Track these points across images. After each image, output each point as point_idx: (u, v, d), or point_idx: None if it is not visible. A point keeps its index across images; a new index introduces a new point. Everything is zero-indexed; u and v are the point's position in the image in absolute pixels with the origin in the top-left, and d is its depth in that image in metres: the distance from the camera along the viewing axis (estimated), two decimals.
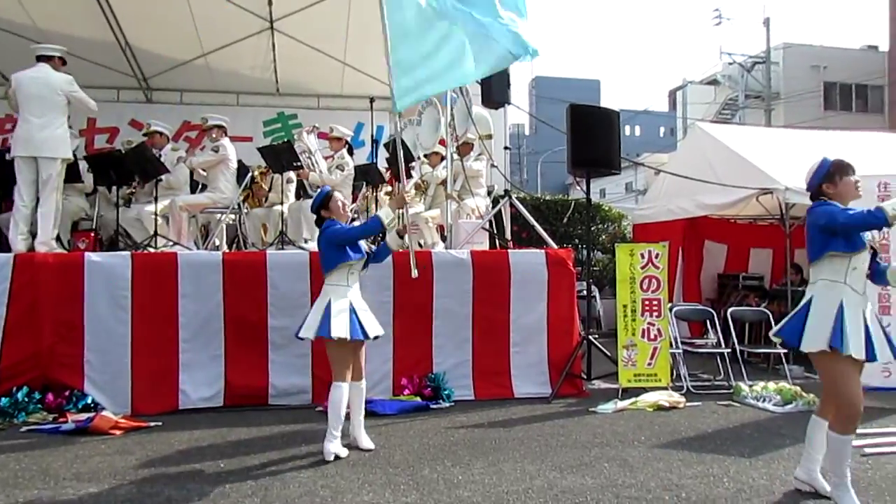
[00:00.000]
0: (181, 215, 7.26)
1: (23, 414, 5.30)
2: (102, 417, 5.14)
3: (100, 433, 4.98)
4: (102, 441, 4.84)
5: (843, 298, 3.45)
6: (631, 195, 34.44)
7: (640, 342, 6.35)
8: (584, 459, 4.36)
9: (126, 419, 5.27)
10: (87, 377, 5.61)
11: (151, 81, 10.42)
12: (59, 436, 4.96)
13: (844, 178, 3.57)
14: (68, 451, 4.56)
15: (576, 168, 6.97)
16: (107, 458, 4.42)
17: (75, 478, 4.02)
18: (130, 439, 4.90)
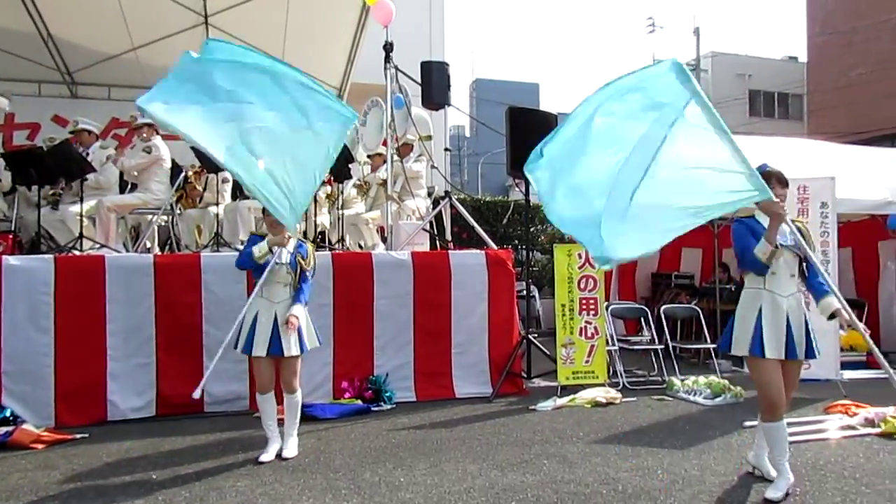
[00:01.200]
0: (109, 216, 6.95)
1: None
2: (23, 431, 4.87)
3: (20, 447, 4.71)
4: (23, 456, 4.58)
5: (761, 304, 3.68)
6: None
7: (578, 340, 6.48)
8: (524, 457, 4.41)
9: (49, 432, 5.00)
10: (5, 388, 5.29)
11: (77, 75, 9.95)
12: None
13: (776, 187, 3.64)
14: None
15: (515, 170, 7.02)
16: (28, 473, 4.19)
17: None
18: (54, 453, 4.65)
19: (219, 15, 8.82)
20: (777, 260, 3.64)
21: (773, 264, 3.63)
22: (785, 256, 3.66)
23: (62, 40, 9.07)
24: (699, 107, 3.76)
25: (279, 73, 4.43)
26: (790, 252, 3.67)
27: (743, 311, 3.76)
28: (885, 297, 9.07)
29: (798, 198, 6.57)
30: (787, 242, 3.65)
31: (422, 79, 7.03)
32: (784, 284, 3.68)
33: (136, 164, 7.23)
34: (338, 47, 9.71)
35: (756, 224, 3.72)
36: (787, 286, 3.69)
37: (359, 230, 8.03)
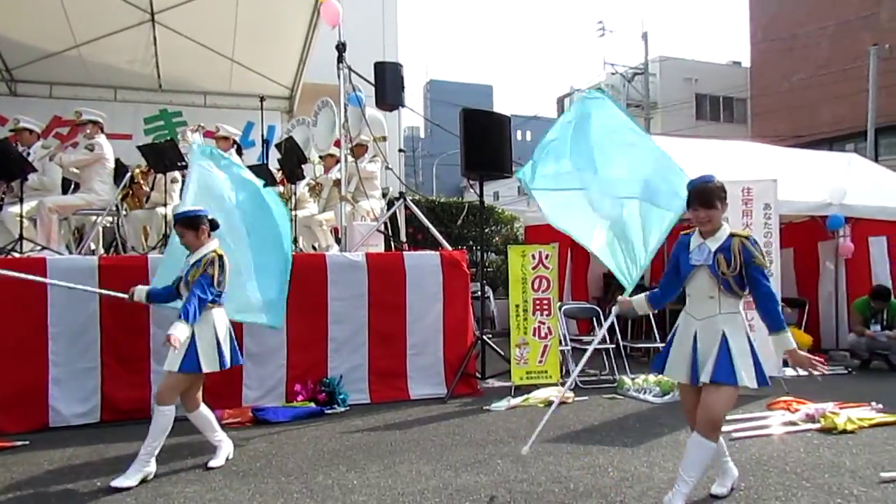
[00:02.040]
0: (51, 217, 6.71)
1: None
2: None
3: None
4: None
5: (679, 325, 3.55)
6: (523, 198, 35.41)
7: (531, 340, 6.56)
8: (478, 457, 4.44)
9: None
10: None
11: (16, 73, 9.58)
12: None
13: (690, 210, 3.42)
14: None
15: (469, 171, 7.10)
16: None
17: None
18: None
19: (166, 13, 8.63)
20: (690, 282, 3.44)
21: (688, 286, 3.46)
22: (698, 278, 3.39)
23: (0, 36, 8.73)
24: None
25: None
26: (706, 273, 3.36)
27: (674, 330, 3.61)
28: (824, 296, 9.47)
29: (742, 199, 6.79)
30: (703, 262, 3.36)
31: (375, 79, 7.01)
32: (698, 307, 3.42)
33: (76, 160, 7.00)
34: (290, 47, 9.60)
35: (683, 240, 3.53)
36: (701, 309, 3.40)
37: (312, 231, 7.96)
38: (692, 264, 3.41)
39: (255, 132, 10.37)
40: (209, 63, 9.65)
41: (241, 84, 10.27)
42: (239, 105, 10.52)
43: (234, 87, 10.43)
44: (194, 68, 9.89)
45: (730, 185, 4.25)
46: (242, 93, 10.36)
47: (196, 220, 4.21)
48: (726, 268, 3.31)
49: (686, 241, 3.52)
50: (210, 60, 9.57)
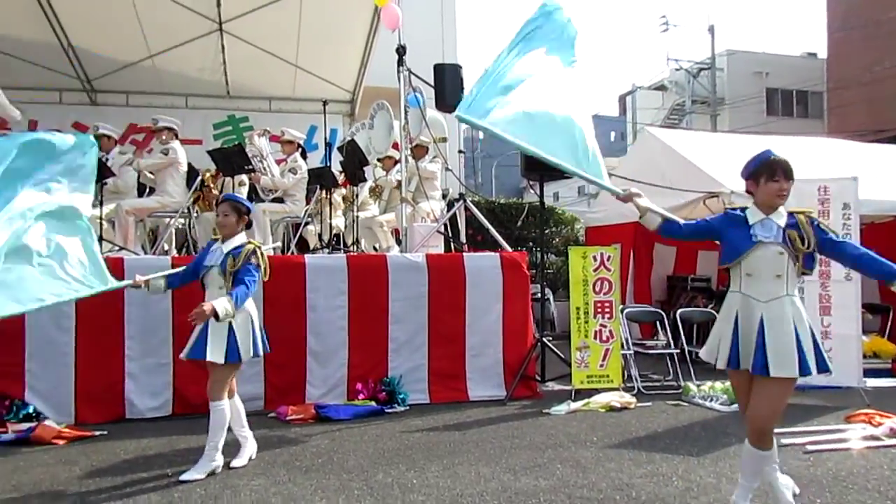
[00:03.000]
0: (128, 219, 7.06)
1: None
2: (45, 427, 4.96)
3: (42, 443, 4.81)
4: (45, 451, 4.67)
5: (735, 309, 3.22)
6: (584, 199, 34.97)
7: (592, 344, 6.46)
8: (537, 461, 4.41)
9: (70, 428, 5.10)
10: (29, 386, 5.40)
11: (96, 83, 10.10)
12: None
13: (767, 182, 3.19)
14: (8, 462, 4.39)
15: (529, 172, 7.05)
16: (49, 468, 4.27)
17: (15, 489, 3.87)
18: (74, 449, 4.74)
19: (233, 22, 8.92)
20: (749, 260, 3.17)
21: (746, 264, 3.18)
22: (763, 256, 3.14)
23: (82, 49, 9.23)
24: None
25: None
26: (774, 250, 3.13)
27: (720, 317, 3.36)
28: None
29: (819, 199, 6.48)
30: (772, 238, 3.14)
31: (435, 81, 7.05)
32: (762, 288, 3.15)
33: (152, 164, 7.34)
34: (351, 52, 9.77)
35: (737, 215, 3.29)
36: (767, 290, 3.15)
37: (373, 233, 8.07)
38: (754, 241, 3.15)
39: (319, 135, 10.59)
40: (274, 69, 9.93)
41: (305, 89, 10.51)
42: (302, 109, 10.77)
43: (297, 93, 10.69)
44: (260, 75, 10.19)
45: (806, 184, 4.02)
46: (306, 97, 10.60)
47: (247, 210, 4.39)
48: (801, 244, 3.12)
49: (741, 216, 3.26)
50: (275, 67, 9.84)
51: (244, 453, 4.38)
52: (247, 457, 4.38)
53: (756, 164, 3.26)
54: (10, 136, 4.25)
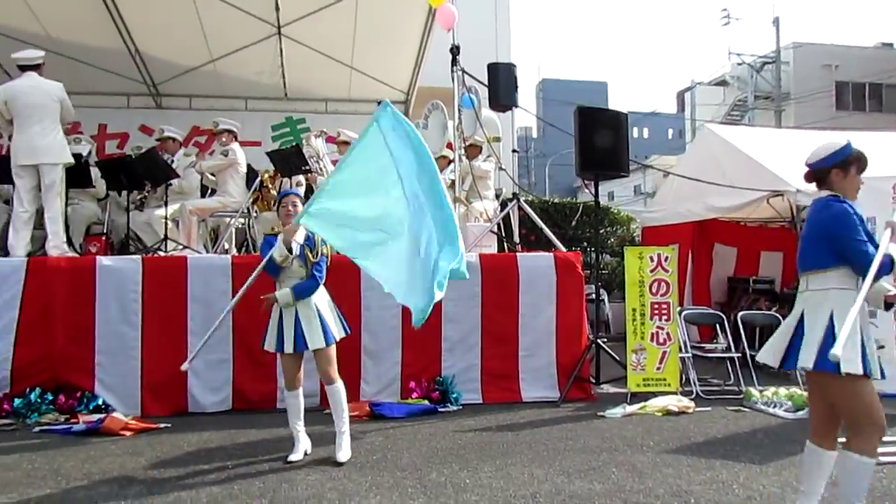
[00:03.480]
0: (191, 219, 7.31)
1: (35, 414, 5.37)
2: (113, 419, 5.18)
3: (110, 434, 5.02)
4: (113, 442, 4.88)
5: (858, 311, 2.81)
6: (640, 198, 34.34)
7: (649, 346, 6.33)
8: (592, 464, 4.35)
9: (136, 420, 5.32)
10: (98, 379, 5.66)
11: (161, 87, 10.50)
12: (71, 436, 5.01)
13: (857, 174, 3.13)
14: (79, 452, 4.60)
15: (584, 171, 6.96)
16: (117, 458, 4.46)
17: (86, 478, 4.05)
18: (140, 440, 4.94)
19: (291, 25, 9.12)
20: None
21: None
22: None
23: (148, 55, 9.61)
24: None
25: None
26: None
27: (844, 318, 2.79)
28: None
29: (893, 196, 6.17)
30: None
31: (488, 81, 7.04)
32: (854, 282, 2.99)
33: (213, 165, 7.58)
34: (405, 53, 9.85)
35: (856, 209, 3.05)
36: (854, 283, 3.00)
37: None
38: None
39: None
40: (330, 71, 10.10)
41: (360, 90, 10.66)
42: (357, 110, 10.93)
43: (353, 94, 10.86)
44: (317, 77, 10.38)
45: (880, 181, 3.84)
46: (361, 98, 10.76)
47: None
48: None
49: (854, 207, 3.05)
50: (331, 69, 10.01)
51: (299, 448, 4.47)
52: (302, 452, 4.47)
53: (848, 154, 3.14)
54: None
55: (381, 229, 4.00)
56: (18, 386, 5.50)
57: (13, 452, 4.57)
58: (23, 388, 5.49)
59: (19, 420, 5.31)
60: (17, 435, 5.05)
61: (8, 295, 5.61)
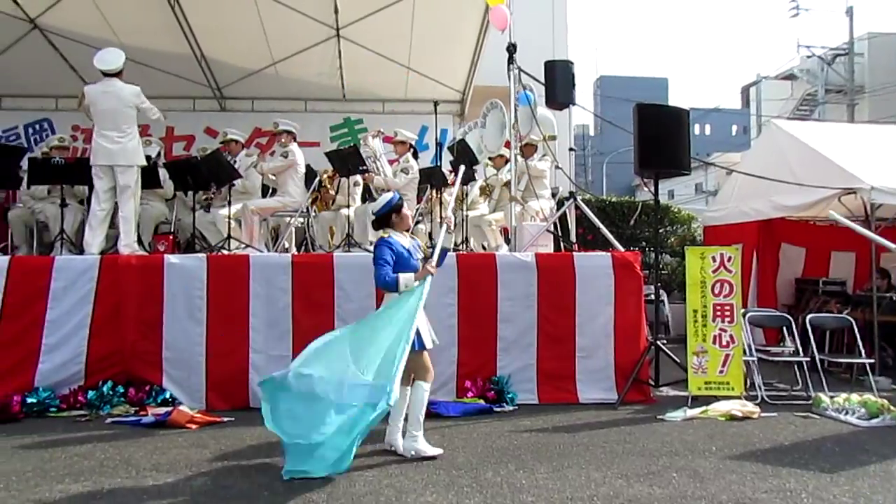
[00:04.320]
0: (253, 219, 7.51)
1: (107, 406, 5.62)
2: (180, 412, 5.38)
3: (177, 426, 5.21)
4: (179, 434, 5.06)
5: None
6: (701, 196, 33.43)
7: (711, 348, 6.15)
8: (651, 468, 4.25)
9: (201, 414, 5.49)
10: (166, 373, 5.88)
11: (225, 91, 10.82)
12: (140, 428, 5.23)
13: None
14: (149, 443, 4.79)
15: (643, 169, 6.82)
16: (183, 450, 4.62)
17: (155, 468, 4.22)
18: (205, 433, 5.10)
19: (349, 27, 9.25)
20: None
21: None
22: None
23: (213, 59, 9.92)
24: None
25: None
26: None
27: None
28: None
29: None
30: None
31: (545, 79, 6.98)
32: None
33: (273, 167, 7.76)
34: (461, 52, 9.85)
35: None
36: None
37: (482, 231, 8.11)
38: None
39: (429, 136, 10.80)
40: (387, 72, 10.20)
41: (416, 90, 10.73)
42: (414, 110, 11.00)
43: (409, 94, 10.94)
44: (374, 78, 10.50)
45: None
46: (417, 98, 10.82)
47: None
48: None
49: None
50: (388, 69, 10.11)
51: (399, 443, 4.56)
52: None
53: None
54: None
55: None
56: (92, 379, 5.77)
57: (87, 442, 4.80)
58: (96, 381, 5.76)
59: (93, 412, 5.57)
60: (91, 426, 5.30)
61: (83, 291, 5.89)
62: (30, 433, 5.03)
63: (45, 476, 4.06)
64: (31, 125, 10.61)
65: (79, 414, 5.55)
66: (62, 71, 9.49)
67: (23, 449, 4.66)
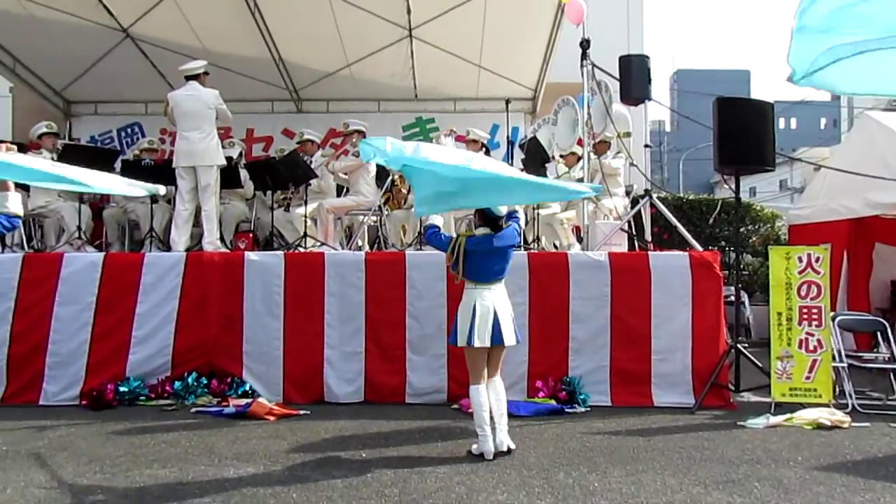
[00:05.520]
0: (328, 217, 7.70)
1: (192, 397, 5.89)
2: (259, 404, 5.58)
3: (256, 418, 5.41)
4: (258, 425, 5.25)
5: None
6: (786, 193, 31.89)
7: (796, 353, 5.85)
8: (731, 476, 4.09)
9: (279, 406, 5.67)
10: (246, 366, 6.11)
11: (301, 92, 11.12)
12: (222, 418, 5.46)
13: None
14: (230, 433, 4.99)
15: (724, 165, 6.57)
16: (262, 441, 4.79)
17: (236, 458, 4.39)
18: (283, 425, 5.27)
19: (422, 27, 9.32)
20: None
21: None
22: None
23: (290, 63, 10.22)
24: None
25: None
26: None
27: None
28: None
29: None
30: None
31: (620, 74, 6.82)
32: None
33: (343, 166, 7.94)
34: (533, 49, 9.77)
35: None
36: None
37: (554, 230, 8.01)
38: None
39: (501, 134, 10.75)
40: (459, 71, 10.23)
41: (488, 89, 10.70)
42: (485, 109, 10.99)
43: (480, 92, 10.92)
44: (446, 77, 10.55)
45: None
46: (488, 97, 10.80)
47: None
48: None
49: None
50: (460, 68, 10.13)
51: (490, 441, 4.42)
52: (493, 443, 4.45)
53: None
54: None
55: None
56: (178, 370, 6.06)
57: (174, 430, 5.05)
58: (181, 372, 6.04)
59: (178, 401, 5.85)
60: (177, 415, 5.57)
61: (170, 286, 6.20)
62: (122, 420, 5.34)
63: (136, 461, 4.30)
64: (124, 129, 11.27)
65: (166, 403, 5.85)
66: (151, 77, 10.01)
67: (115, 434, 4.96)
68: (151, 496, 3.72)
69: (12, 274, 6.12)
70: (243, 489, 3.83)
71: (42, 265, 6.23)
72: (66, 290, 6.11)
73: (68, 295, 6.10)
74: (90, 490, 3.81)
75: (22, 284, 6.11)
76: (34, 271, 6.16)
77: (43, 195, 7.42)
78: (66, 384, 5.96)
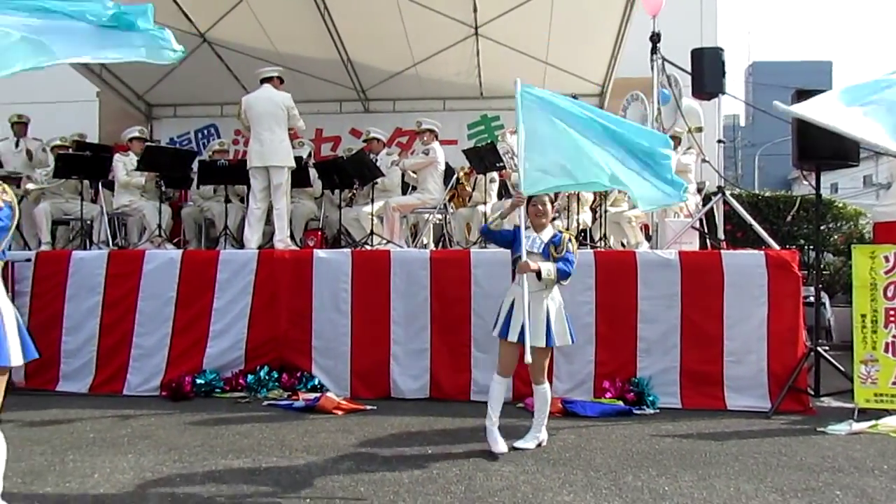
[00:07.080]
0: (394, 215, 7.80)
1: (264, 390, 6.09)
2: (327, 398, 5.71)
3: (325, 412, 5.54)
4: (327, 419, 5.38)
5: None
6: (870, 190, 30.14)
7: (882, 357, 5.54)
8: (810, 484, 3.92)
9: (347, 401, 5.79)
10: (315, 361, 6.27)
11: (369, 93, 11.30)
12: (292, 412, 5.62)
13: None
14: (300, 426, 5.13)
15: (803, 161, 6.28)
16: (331, 435, 4.91)
17: (305, 450, 4.52)
18: (350, 420, 5.38)
19: (488, 25, 9.31)
20: None
21: None
22: None
23: (358, 63, 10.41)
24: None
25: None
26: None
27: None
28: None
29: None
30: None
31: (692, 67, 6.64)
32: None
33: (414, 164, 8.02)
34: (601, 44, 9.59)
35: None
36: None
37: (621, 228, 7.86)
38: None
39: None
40: (525, 68, 10.11)
41: (554, 85, 10.50)
42: None
43: (547, 89, 10.80)
44: (511, 74, 10.39)
45: None
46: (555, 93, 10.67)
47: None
48: None
49: None
50: (526, 65, 10.03)
51: (500, 440, 4.49)
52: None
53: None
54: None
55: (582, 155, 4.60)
56: (250, 364, 6.28)
57: (247, 422, 5.24)
58: (254, 366, 6.26)
59: (251, 394, 6.06)
60: (250, 407, 5.77)
61: (244, 283, 6.42)
62: (199, 411, 5.58)
63: (212, 451, 4.49)
64: (200, 130, 11.76)
65: (239, 396, 6.07)
66: (226, 80, 10.40)
67: (192, 425, 5.18)
68: (227, 485, 3.87)
69: (99, 270, 6.49)
70: (313, 481, 3.93)
71: (126, 261, 6.58)
72: (149, 286, 6.43)
73: (150, 290, 6.42)
74: (170, 479, 3.99)
75: (108, 280, 6.48)
76: (119, 267, 6.52)
77: (126, 195, 7.83)
78: (148, 375, 6.28)
